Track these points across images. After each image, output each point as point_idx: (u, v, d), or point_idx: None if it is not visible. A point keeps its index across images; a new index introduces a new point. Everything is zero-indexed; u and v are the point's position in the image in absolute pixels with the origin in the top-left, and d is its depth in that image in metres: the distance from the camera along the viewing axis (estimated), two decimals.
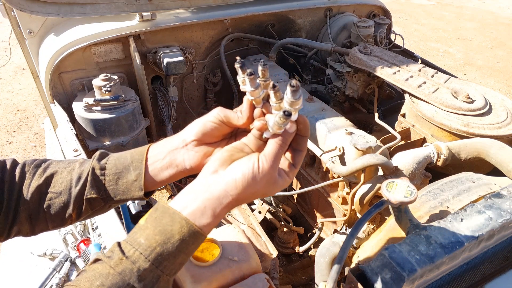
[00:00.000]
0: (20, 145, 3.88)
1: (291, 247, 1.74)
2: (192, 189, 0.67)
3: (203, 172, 0.69)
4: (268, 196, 0.65)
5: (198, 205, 0.64)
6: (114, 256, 0.62)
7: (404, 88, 1.70)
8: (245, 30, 2.22)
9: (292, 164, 0.72)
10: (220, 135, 0.77)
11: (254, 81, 0.66)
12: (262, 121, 0.69)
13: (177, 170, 0.76)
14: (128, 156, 0.78)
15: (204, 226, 0.64)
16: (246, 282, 1.03)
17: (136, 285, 0.60)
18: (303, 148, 0.72)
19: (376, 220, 1.40)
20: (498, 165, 1.26)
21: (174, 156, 0.75)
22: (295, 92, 0.62)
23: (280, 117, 0.64)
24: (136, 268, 0.60)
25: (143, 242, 0.62)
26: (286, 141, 0.68)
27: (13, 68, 5.23)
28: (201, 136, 0.75)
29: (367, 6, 2.48)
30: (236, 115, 0.73)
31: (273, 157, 0.66)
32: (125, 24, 1.85)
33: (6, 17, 1.84)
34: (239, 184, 0.65)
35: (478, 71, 5.59)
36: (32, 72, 2.11)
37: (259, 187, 0.66)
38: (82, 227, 1.23)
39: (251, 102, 0.71)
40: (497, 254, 1.10)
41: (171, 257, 0.62)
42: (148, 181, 0.76)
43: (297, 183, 1.90)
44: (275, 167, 0.67)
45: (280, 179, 0.70)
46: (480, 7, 8.40)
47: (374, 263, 0.91)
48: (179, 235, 0.62)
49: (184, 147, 0.76)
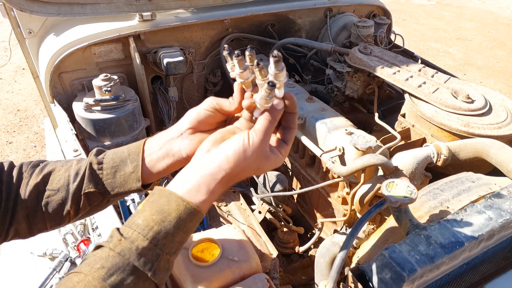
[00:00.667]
0: (20, 145, 3.88)
1: (291, 247, 1.74)
2: (187, 169, 0.69)
3: (196, 153, 0.72)
4: (262, 173, 0.69)
5: (193, 184, 0.66)
6: (113, 239, 0.63)
7: (404, 88, 1.70)
8: (245, 30, 2.22)
9: (283, 141, 0.74)
10: (214, 122, 0.79)
11: (242, 62, 0.69)
12: (250, 100, 0.71)
13: (173, 160, 0.77)
14: (125, 150, 0.79)
15: (200, 203, 0.65)
16: (246, 282, 1.03)
17: (136, 263, 0.60)
18: (293, 125, 0.74)
19: (376, 220, 1.40)
20: (498, 165, 1.26)
21: (170, 146, 0.77)
22: (277, 62, 0.64)
23: (265, 89, 0.66)
24: (135, 247, 0.61)
25: (140, 222, 0.63)
26: (275, 117, 0.70)
27: (13, 68, 5.23)
28: (196, 124, 0.77)
29: (367, 6, 2.48)
30: (229, 101, 0.77)
31: (263, 131, 0.68)
32: (125, 24, 1.85)
33: (6, 17, 1.84)
34: (231, 158, 0.67)
35: (478, 71, 5.59)
36: (32, 72, 2.11)
37: (251, 161, 0.68)
38: (82, 227, 1.23)
39: (241, 86, 0.74)
40: (497, 254, 1.10)
41: (169, 235, 0.63)
42: (145, 173, 0.77)
43: (297, 183, 1.90)
44: (265, 141, 0.69)
45: (272, 154, 0.72)
46: (480, 7, 8.40)
47: (374, 263, 0.91)
48: (176, 213, 0.63)
49: (180, 136, 0.77)
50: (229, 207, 1.62)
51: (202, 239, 1.11)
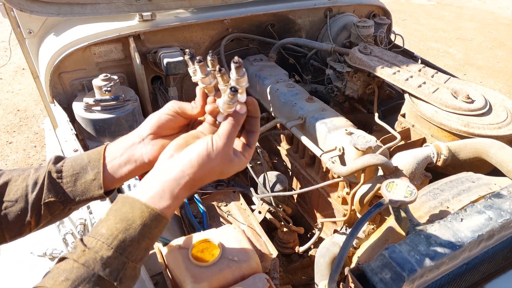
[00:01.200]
0: (20, 145, 3.88)
1: (291, 247, 1.74)
2: (150, 176, 0.69)
3: (159, 159, 0.71)
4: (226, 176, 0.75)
5: (157, 189, 0.65)
6: (77, 250, 0.62)
7: (404, 88, 1.70)
8: (245, 30, 2.22)
9: (247, 144, 0.76)
10: (176, 127, 0.78)
11: (204, 67, 0.70)
12: (213, 105, 0.73)
13: (135, 165, 0.76)
14: (84, 157, 0.78)
15: (165, 208, 0.65)
16: (246, 282, 1.03)
17: (101, 273, 0.60)
18: (256, 129, 0.76)
19: (376, 220, 1.40)
20: (498, 165, 1.26)
21: (132, 152, 0.76)
22: (238, 68, 0.67)
23: (228, 94, 0.68)
24: (99, 256, 0.60)
25: (104, 232, 0.62)
26: (238, 121, 0.71)
27: (13, 68, 5.23)
28: (157, 129, 0.76)
29: (367, 6, 2.48)
30: (191, 105, 0.76)
31: (226, 135, 0.69)
32: (125, 24, 1.85)
33: (6, 17, 1.84)
34: (194, 162, 0.67)
35: (478, 71, 5.59)
36: (32, 72, 2.10)
37: (214, 164, 0.68)
38: (82, 227, 1.23)
39: (204, 91, 0.75)
40: (497, 254, 1.10)
41: (134, 242, 0.62)
42: (107, 179, 0.76)
43: (297, 183, 1.90)
44: (229, 144, 0.70)
45: (236, 158, 0.72)
46: (480, 7, 8.40)
47: (374, 263, 0.91)
48: (141, 220, 0.63)
49: (141, 142, 0.76)
50: (229, 207, 1.62)
51: (202, 239, 1.11)
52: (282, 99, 1.83)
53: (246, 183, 1.98)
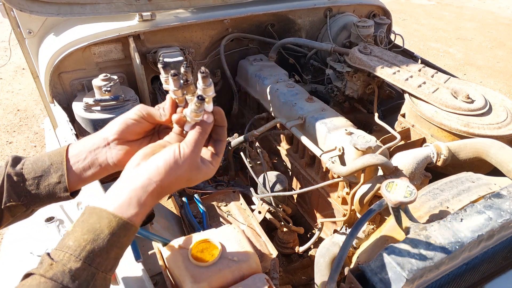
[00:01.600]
0: (20, 145, 3.88)
1: (291, 247, 1.74)
2: (116, 185, 0.68)
3: (126, 168, 0.71)
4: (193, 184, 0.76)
5: (124, 198, 0.65)
6: (43, 265, 0.60)
7: (404, 88, 1.70)
8: (245, 30, 2.22)
9: (214, 153, 0.77)
10: (142, 132, 0.78)
11: (177, 81, 0.71)
12: (180, 114, 0.74)
13: (100, 168, 0.76)
14: (46, 159, 0.76)
15: (132, 216, 0.64)
16: (246, 282, 1.03)
17: (71, 286, 0.58)
18: (223, 137, 0.77)
19: (376, 220, 1.40)
20: (498, 165, 1.26)
21: (96, 156, 0.76)
22: (205, 78, 0.69)
23: (195, 102, 0.69)
24: (67, 269, 0.59)
25: (72, 244, 0.61)
26: (205, 130, 0.72)
27: (13, 68, 5.23)
28: (123, 134, 0.76)
29: (367, 6, 2.48)
30: (159, 112, 0.76)
31: (194, 143, 0.70)
32: (125, 24, 1.85)
33: (6, 17, 1.84)
34: (161, 170, 0.67)
35: (478, 71, 5.59)
36: (32, 72, 2.10)
37: (182, 171, 0.68)
38: None
39: (174, 100, 0.75)
40: (497, 254, 1.10)
41: (103, 252, 0.61)
42: (72, 181, 0.75)
43: (297, 183, 1.90)
44: (196, 152, 0.70)
45: (204, 166, 0.73)
46: (480, 7, 8.40)
47: (374, 263, 0.91)
48: (109, 230, 0.62)
49: (106, 146, 0.76)
50: (229, 207, 1.62)
51: (202, 239, 1.11)
52: (282, 99, 1.83)
53: (246, 183, 1.98)
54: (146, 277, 0.99)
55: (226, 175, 1.96)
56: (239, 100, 2.24)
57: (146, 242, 1.24)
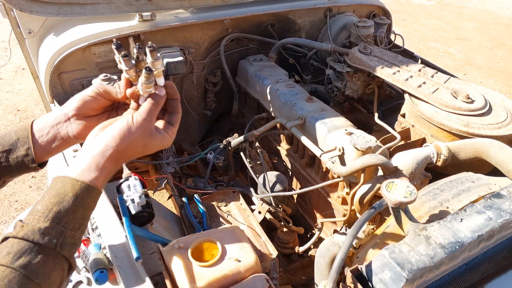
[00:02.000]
0: None
1: (291, 247, 1.74)
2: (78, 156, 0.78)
3: (86, 140, 0.78)
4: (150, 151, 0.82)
5: (84, 165, 0.74)
6: (16, 228, 0.67)
7: (404, 88, 1.70)
8: (245, 30, 2.22)
9: (169, 123, 0.84)
10: (99, 108, 0.86)
11: (128, 61, 0.78)
12: (133, 88, 0.81)
13: (62, 141, 0.85)
14: (12, 135, 0.84)
15: (93, 179, 0.73)
16: (246, 282, 1.03)
17: (41, 242, 0.65)
18: (177, 109, 0.85)
19: (376, 220, 1.40)
20: (498, 165, 1.26)
21: (58, 130, 0.84)
22: (153, 52, 0.76)
23: (144, 74, 0.76)
24: (37, 228, 0.66)
25: (40, 208, 0.69)
26: (158, 101, 0.80)
27: (13, 68, 5.23)
28: (81, 109, 0.84)
29: (367, 6, 2.48)
30: (115, 89, 0.84)
31: (146, 111, 0.78)
32: (125, 24, 1.85)
33: (6, 17, 1.84)
34: (116, 136, 0.75)
35: (478, 71, 5.59)
36: (32, 72, 2.10)
37: (136, 137, 0.76)
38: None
39: (128, 79, 0.82)
40: (497, 254, 1.10)
41: (69, 213, 0.69)
42: (38, 154, 0.83)
43: (297, 183, 1.90)
44: (148, 119, 0.78)
45: (158, 134, 0.80)
46: (480, 7, 8.40)
47: (374, 263, 0.91)
48: (72, 193, 0.70)
49: (67, 121, 0.84)
50: (229, 207, 1.62)
51: (202, 239, 1.11)
52: (282, 99, 1.83)
53: (246, 183, 1.98)
54: (146, 277, 0.99)
55: (226, 175, 1.96)
56: (239, 100, 2.24)
57: (146, 242, 1.24)
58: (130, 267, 1.02)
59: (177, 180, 1.86)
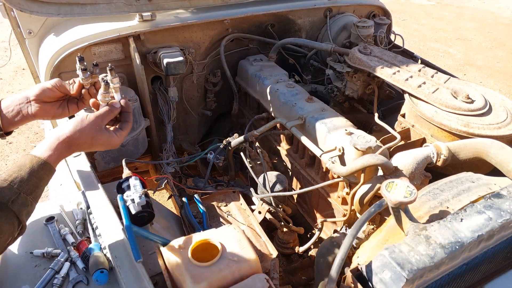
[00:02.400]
0: (20, 145, 3.88)
1: (291, 247, 1.74)
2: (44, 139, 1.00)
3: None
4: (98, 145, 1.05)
5: (44, 146, 0.96)
6: None
7: (404, 88, 1.70)
8: (245, 30, 2.22)
9: (119, 128, 1.08)
10: (54, 97, 1.12)
11: (85, 73, 1.08)
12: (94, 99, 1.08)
13: (23, 117, 1.09)
14: None
15: (48, 157, 0.94)
16: (246, 282, 1.03)
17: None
18: (129, 120, 1.10)
19: (376, 220, 1.40)
20: (498, 165, 1.26)
21: (20, 108, 1.08)
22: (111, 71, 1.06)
23: (103, 85, 1.04)
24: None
25: (4, 176, 0.88)
26: (112, 110, 1.05)
27: (13, 68, 5.23)
28: (39, 96, 1.09)
29: (367, 6, 2.48)
30: (70, 87, 1.12)
31: (100, 112, 1.03)
32: (125, 24, 1.85)
33: (6, 17, 1.84)
34: (70, 126, 0.99)
35: (478, 71, 5.59)
36: (32, 72, 2.10)
37: (86, 129, 0.99)
38: (82, 227, 1.23)
39: (81, 83, 1.11)
40: (497, 254, 1.10)
41: (24, 179, 0.89)
42: (4, 124, 1.07)
43: (297, 183, 1.90)
44: (100, 118, 1.02)
45: (106, 131, 1.03)
46: (480, 7, 8.40)
47: (374, 263, 0.91)
48: (30, 164, 0.91)
49: (28, 103, 1.08)
50: (229, 207, 1.62)
51: (202, 239, 1.11)
52: (282, 99, 1.83)
53: (246, 183, 1.98)
54: (146, 277, 0.99)
55: (226, 175, 1.96)
56: (239, 100, 2.24)
57: (146, 242, 1.24)
58: (130, 267, 1.02)
59: (177, 180, 1.86)
